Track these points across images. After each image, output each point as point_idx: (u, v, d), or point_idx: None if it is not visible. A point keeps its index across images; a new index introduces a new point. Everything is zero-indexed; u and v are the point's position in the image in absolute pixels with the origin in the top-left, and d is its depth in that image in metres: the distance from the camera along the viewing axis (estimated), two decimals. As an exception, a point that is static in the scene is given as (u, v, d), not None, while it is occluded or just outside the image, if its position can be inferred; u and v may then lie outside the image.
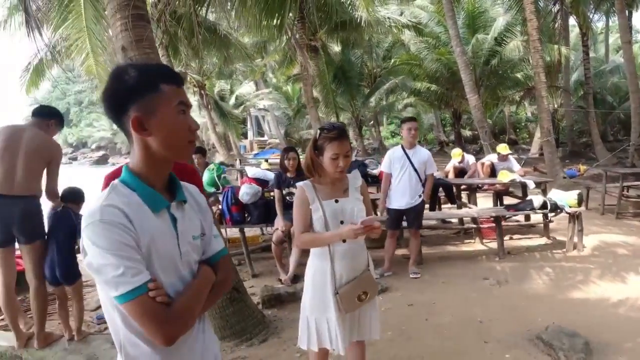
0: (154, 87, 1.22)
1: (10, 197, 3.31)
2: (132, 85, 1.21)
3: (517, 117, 31.35)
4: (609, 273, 5.23)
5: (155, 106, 1.22)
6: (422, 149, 5.22)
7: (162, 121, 1.22)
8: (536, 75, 11.98)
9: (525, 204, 6.20)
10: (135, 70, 1.23)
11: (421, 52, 19.34)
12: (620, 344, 3.53)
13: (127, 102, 1.22)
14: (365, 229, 2.05)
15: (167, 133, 1.23)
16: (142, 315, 1.13)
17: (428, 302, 4.37)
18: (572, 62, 22.61)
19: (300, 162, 5.22)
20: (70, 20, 8.60)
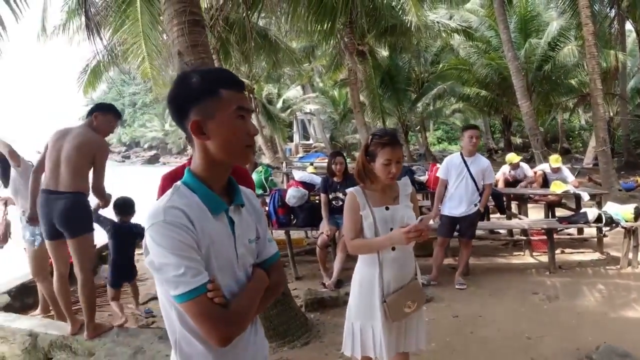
0: (213, 91, 1.26)
1: (55, 192, 3.47)
2: (193, 89, 1.26)
3: (570, 125, 30.10)
4: (667, 292, 4.96)
5: (214, 110, 1.25)
6: (481, 158, 5.13)
7: (220, 125, 1.26)
8: (592, 82, 11.46)
9: (579, 216, 5.95)
10: (197, 75, 1.28)
11: (471, 57, 18.95)
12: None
13: (188, 106, 1.26)
14: (417, 232, 2.04)
15: (224, 137, 1.27)
16: (199, 315, 1.17)
17: (474, 314, 4.29)
18: (628, 68, 21.52)
19: (347, 167, 5.25)
20: (127, 25, 8.99)
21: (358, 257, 2.39)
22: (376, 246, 2.19)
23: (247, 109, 1.31)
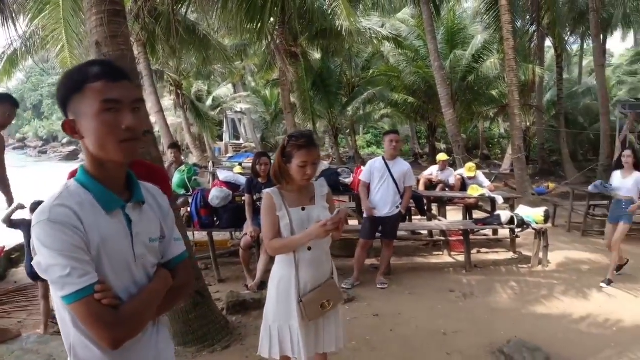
0: (77, 89, 1.19)
1: None
2: (63, 89, 1.22)
3: (490, 133, 31.96)
4: (572, 289, 5.36)
5: (81, 108, 1.20)
6: (402, 161, 5.28)
7: (88, 122, 1.19)
8: (510, 94, 12.23)
9: (493, 218, 6.32)
10: (67, 73, 1.24)
11: (400, 65, 19.58)
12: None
13: (63, 106, 1.23)
14: (334, 225, 2.05)
15: (93, 134, 1.20)
16: (87, 317, 1.12)
17: (394, 312, 4.39)
18: (546, 82, 23.23)
19: (272, 167, 5.20)
20: (47, 11, 8.41)
21: (275, 259, 2.37)
22: (295, 244, 2.17)
23: (120, 100, 1.20)
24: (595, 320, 4.50)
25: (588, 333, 4.21)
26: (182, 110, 21.52)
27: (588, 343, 3.96)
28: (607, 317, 4.56)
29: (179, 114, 22.39)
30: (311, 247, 2.23)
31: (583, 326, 4.37)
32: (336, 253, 6.01)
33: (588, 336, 4.13)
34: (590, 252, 7.13)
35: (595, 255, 6.93)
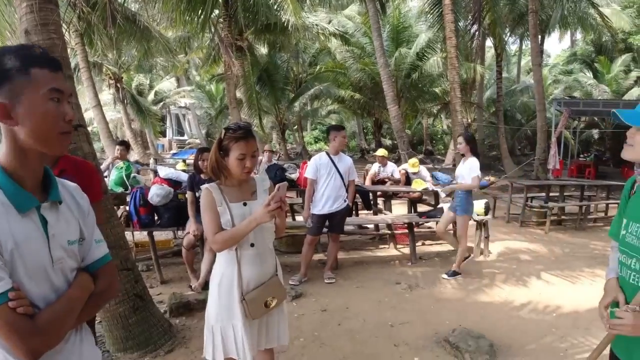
0: (21, 70, 1.09)
1: None
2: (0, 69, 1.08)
3: (434, 130, 32.97)
4: (513, 277, 5.57)
5: (22, 92, 1.09)
6: (345, 156, 5.28)
7: (29, 109, 1.09)
8: (452, 91, 12.60)
9: (437, 211, 6.48)
10: (6, 53, 1.10)
11: (346, 61, 19.76)
12: (523, 346, 3.73)
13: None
14: (277, 202, 1.97)
15: (34, 122, 1.10)
16: (1, 326, 1.02)
17: (342, 307, 4.38)
18: (486, 80, 24.19)
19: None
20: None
21: (217, 257, 2.27)
22: (241, 232, 2.06)
23: (64, 91, 1.14)
24: (536, 306, 4.68)
25: (529, 319, 4.36)
26: (122, 104, 20.62)
27: (530, 329, 4.10)
28: (546, 303, 4.76)
29: (119, 108, 21.45)
30: (254, 243, 2.15)
31: (524, 313, 4.53)
32: (283, 249, 6.01)
33: (529, 322, 4.28)
34: (528, 241, 7.46)
35: (533, 244, 7.26)
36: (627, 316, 1.53)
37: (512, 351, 3.62)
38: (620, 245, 1.71)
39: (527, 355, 3.58)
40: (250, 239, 2.14)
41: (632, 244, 1.63)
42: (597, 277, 5.65)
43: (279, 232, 2.29)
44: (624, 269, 1.67)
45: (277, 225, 2.25)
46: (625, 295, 1.65)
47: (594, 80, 24.22)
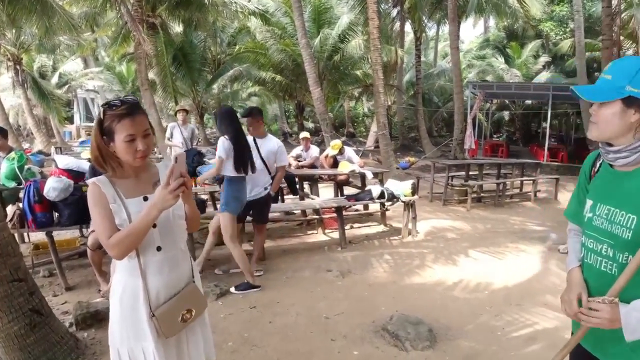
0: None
1: None
2: None
3: (355, 112, 33.34)
4: (442, 257, 5.60)
5: None
6: (272, 139, 4.87)
7: None
8: (374, 72, 12.58)
9: (365, 193, 6.34)
10: None
11: (267, 41, 19.18)
12: (461, 327, 3.67)
13: None
14: (179, 180, 1.54)
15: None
16: None
17: (272, 302, 4.07)
18: (405, 64, 24.70)
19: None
20: None
21: (116, 265, 1.82)
22: (141, 227, 1.60)
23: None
24: (468, 285, 4.70)
25: (463, 299, 4.35)
26: (22, 88, 18.48)
27: (465, 309, 4.08)
28: (478, 281, 4.79)
29: (19, 93, 19.18)
30: (161, 246, 1.73)
31: (458, 292, 4.52)
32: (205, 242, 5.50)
33: (464, 302, 4.26)
34: (452, 219, 7.63)
35: (457, 222, 7.43)
36: (604, 308, 1.37)
37: (451, 334, 3.55)
38: (587, 229, 1.55)
39: (466, 336, 3.53)
40: (155, 241, 1.71)
41: (601, 228, 1.47)
42: (521, 251, 5.83)
43: (192, 225, 1.86)
44: (592, 255, 1.51)
45: (188, 216, 1.81)
46: (590, 285, 1.50)
47: (506, 65, 25.66)
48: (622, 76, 1.38)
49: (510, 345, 3.43)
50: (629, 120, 1.38)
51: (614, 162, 1.46)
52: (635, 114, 1.37)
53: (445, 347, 3.34)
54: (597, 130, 1.45)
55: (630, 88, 1.35)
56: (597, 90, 1.43)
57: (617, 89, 1.38)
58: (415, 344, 3.29)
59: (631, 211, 1.37)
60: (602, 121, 1.42)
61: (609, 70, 1.44)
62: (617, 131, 1.41)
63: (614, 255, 1.42)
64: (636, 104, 1.36)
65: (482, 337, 3.52)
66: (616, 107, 1.38)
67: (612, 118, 1.39)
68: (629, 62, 1.41)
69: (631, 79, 1.36)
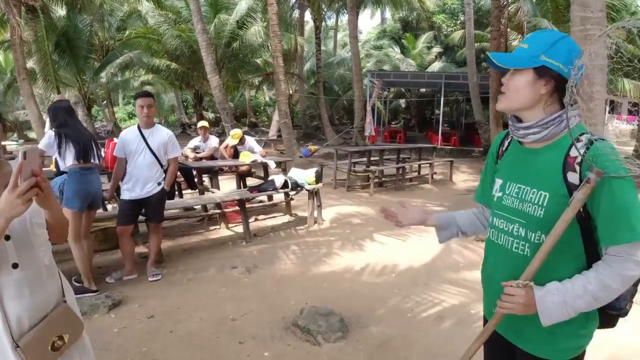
0: None
1: None
2: None
3: (257, 101, 32.89)
4: (349, 243, 5.60)
5: None
6: (162, 129, 4.44)
7: None
8: (275, 59, 12.35)
9: (268, 184, 6.14)
10: None
11: (161, 26, 17.98)
12: (372, 313, 3.65)
13: None
14: (30, 177, 1.20)
15: None
16: None
17: (172, 308, 3.72)
18: (305, 52, 24.74)
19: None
20: None
21: None
22: None
23: None
24: (375, 269, 4.72)
25: (372, 283, 4.36)
26: None
27: (374, 293, 4.07)
28: (384, 264, 4.84)
29: None
30: (18, 263, 1.39)
31: (365, 277, 4.52)
32: (98, 247, 4.96)
33: (373, 286, 4.26)
34: (356, 205, 7.72)
35: (361, 207, 7.53)
36: (518, 292, 1.30)
37: (363, 321, 3.52)
38: (497, 209, 1.49)
39: (378, 321, 3.52)
40: (9, 257, 1.37)
41: (512, 207, 1.41)
42: (423, 232, 6.00)
43: (55, 234, 1.53)
44: (503, 236, 1.45)
45: (50, 223, 1.48)
46: (503, 268, 1.43)
47: (402, 55, 26.80)
48: (539, 45, 1.34)
49: (421, 326, 3.48)
50: (539, 92, 1.34)
51: (523, 138, 1.41)
52: (545, 85, 1.33)
53: (358, 335, 3.29)
54: (507, 100, 1.40)
55: (545, 57, 1.31)
56: (511, 58, 1.38)
57: (531, 57, 1.34)
58: (328, 337, 3.21)
59: (543, 188, 1.33)
60: (512, 90, 1.38)
61: (527, 40, 1.40)
62: (526, 102, 1.36)
63: (526, 234, 1.37)
64: (548, 74, 1.32)
65: (393, 321, 3.53)
66: (528, 75, 1.34)
67: (523, 87, 1.35)
68: (548, 34, 1.38)
69: (547, 49, 1.32)
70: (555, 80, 1.32)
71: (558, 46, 1.32)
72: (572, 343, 1.38)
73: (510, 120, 1.46)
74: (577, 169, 1.28)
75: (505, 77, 1.41)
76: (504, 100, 1.41)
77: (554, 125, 1.33)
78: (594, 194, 1.23)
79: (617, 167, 1.21)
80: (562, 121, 1.32)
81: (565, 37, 1.35)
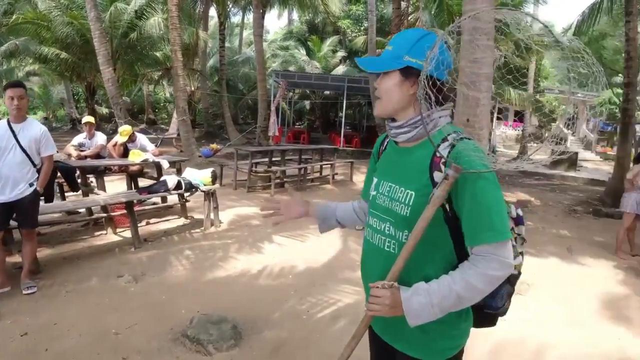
0: None
1: None
2: None
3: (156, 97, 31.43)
4: (247, 245, 5.49)
5: None
6: (34, 123, 3.99)
7: None
8: (173, 53, 11.84)
9: (159, 185, 5.80)
10: None
11: (51, 12, 16.37)
12: (267, 317, 3.59)
13: None
14: None
15: None
16: None
17: (48, 324, 3.35)
18: (209, 49, 24.09)
19: None
20: None
21: None
22: None
23: None
24: (272, 271, 4.68)
25: (269, 286, 4.30)
26: None
27: (271, 296, 4.02)
28: (282, 266, 4.82)
29: None
30: None
31: (263, 280, 4.46)
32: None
33: (269, 289, 4.21)
34: (256, 206, 7.59)
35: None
36: (384, 294, 1.29)
37: (257, 326, 3.45)
38: (372, 208, 1.50)
39: (273, 326, 3.48)
40: None
41: (383, 205, 1.42)
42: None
43: None
44: (377, 235, 1.45)
45: None
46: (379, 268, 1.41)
47: (307, 57, 27.09)
48: (402, 46, 1.35)
49: (316, 327, 3.50)
50: (408, 92, 1.35)
51: (396, 137, 1.43)
52: (413, 85, 1.34)
53: (252, 342, 3.22)
54: (381, 104, 1.41)
55: (408, 57, 1.32)
56: (377, 61, 1.38)
57: (395, 58, 1.34)
58: (219, 346, 3.10)
59: (410, 187, 1.34)
60: (384, 93, 1.38)
61: (392, 41, 1.40)
62: (398, 104, 1.37)
63: (395, 233, 1.38)
64: (414, 74, 1.33)
65: (288, 324, 3.51)
66: (396, 77, 1.35)
67: (393, 89, 1.36)
68: (411, 33, 1.38)
69: (409, 49, 1.33)
70: None
71: (420, 44, 1.32)
72: (447, 343, 1.39)
73: (386, 120, 1.46)
74: (442, 168, 1.29)
75: (376, 82, 1.42)
76: (379, 105, 1.42)
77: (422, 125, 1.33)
78: (458, 194, 1.25)
79: (476, 163, 1.22)
80: (432, 120, 1.33)
81: (430, 34, 1.36)
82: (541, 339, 3.60)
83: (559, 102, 26.00)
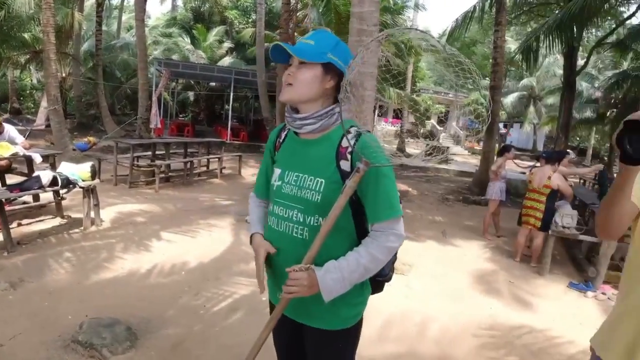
0: None
1: None
2: None
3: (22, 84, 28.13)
4: (133, 244, 5.28)
5: None
6: None
7: None
8: (45, 35, 10.67)
9: (32, 181, 5.29)
10: None
11: None
12: (162, 316, 3.54)
13: None
14: None
15: None
16: None
17: None
18: (84, 31, 22.15)
19: None
20: None
21: None
22: None
23: None
24: (163, 268, 4.58)
25: (160, 284, 4.22)
26: None
27: (164, 294, 3.95)
28: (173, 262, 4.73)
29: None
30: None
31: (153, 279, 4.35)
32: None
33: (161, 287, 4.13)
34: (140, 202, 7.32)
35: (146, 204, 7.17)
36: (302, 275, 1.44)
37: (153, 325, 3.39)
38: (276, 197, 1.61)
39: (169, 323, 3.44)
40: None
41: (291, 194, 1.55)
42: (212, 227, 6.09)
43: None
44: (283, 222, 1.58)
45: None
46: (284, 253, 1.57)
47: (192, 46, 26.11)
48: (325, 44, 1.51)
49: (214, 320, 3.54)
50: (325, 86, 1.52)
51: (299, 129, 1.56)
52: (330, 80, 1.51)
53: (148, 342, 3.16)
54: (293, 91, 1.52)
55: (331, 55, 1.49)
56: (303, 51, 1.50)
57: (320, 53, 1.49)
58: (115, 349, 3.01)
59: (319, 175, 1.50)
60: (300, 82, 1.51)
61: (311, 37, 1.54)
62: (312, 95, 1.52)
63: (304, 219, 1.52)
64: (333, 71, 1.51)
65: (185, 320, 3.50)
66: (317, 70, 1.50)
67: (312, 80, 1.50)
68: (330, 35, 1.58)
69: (332, 48, 1.51)
70: (339, 77, 1.52)
71: (340, 47, 1.53)
72: (351, 311, 1.61)
73: (287, 112, 1.59)
74: (348, 157, 1.49)
75: (290, 69, 1.53)
76: (290, 92, 1.53)
77: (327, 118, 1.52)
78: (362, 181, 1.44)
79: (381, 158, 1.44)
80: (334, 114, 1.52)
81: (341, 41, 1.57)
82: (424, 312, 4.06)
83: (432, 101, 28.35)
